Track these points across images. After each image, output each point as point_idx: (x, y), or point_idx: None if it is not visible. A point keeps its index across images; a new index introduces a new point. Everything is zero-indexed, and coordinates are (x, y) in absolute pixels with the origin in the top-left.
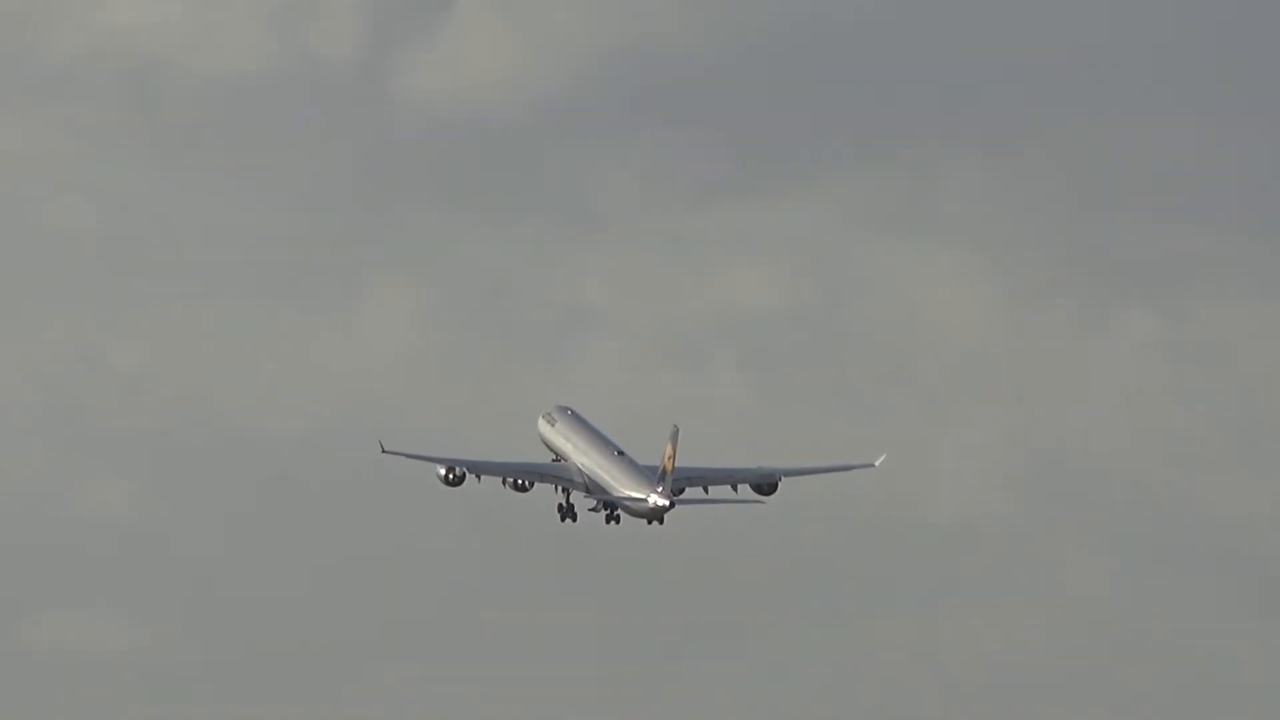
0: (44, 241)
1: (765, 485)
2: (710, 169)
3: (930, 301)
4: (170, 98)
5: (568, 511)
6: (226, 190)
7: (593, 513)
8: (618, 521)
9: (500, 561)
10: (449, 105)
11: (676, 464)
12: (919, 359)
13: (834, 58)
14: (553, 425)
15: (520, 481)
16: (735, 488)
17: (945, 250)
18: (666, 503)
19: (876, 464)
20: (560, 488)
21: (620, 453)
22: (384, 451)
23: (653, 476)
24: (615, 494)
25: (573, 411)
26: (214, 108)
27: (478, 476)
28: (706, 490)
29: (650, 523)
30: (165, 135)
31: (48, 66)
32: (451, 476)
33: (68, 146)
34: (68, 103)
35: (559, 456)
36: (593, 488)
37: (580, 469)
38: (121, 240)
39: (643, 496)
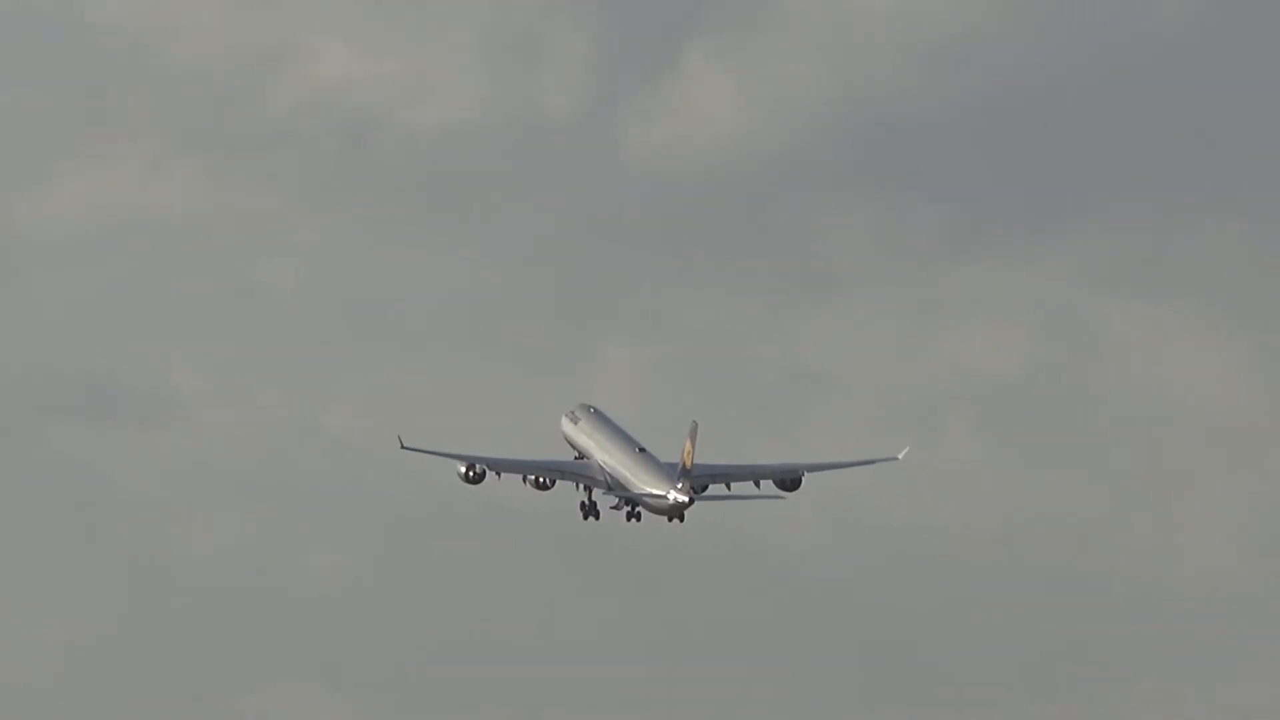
0: (257, 297)
1: (788, 481)
2: (942, 227)
3: (1171, 361)
4: (386, 151)
5: (590, 509)
6: (444, 245)
7: (614, 510)
8: (638, 519)
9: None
10: (674, 159)
11: (699, 461)
12: (1161, 420)
13: (1068, 112)
14: (576, 424)
15: (541, 479)
16: (758, 484)
17: (1186, 308)
18: (686, 498)
19: (900, 457)
20: (582, 485)
21: (642, 450)
22: (403, 448)
23: (673, 474)
24: (636, 491)
25: (596, 410)
26: (431, 161)
27: (499, 474)
28: (729, 486)
29: (671, 520)
30: (381, 189)
31: (263, 121)
32: (472, 474)
33: (282, 201)
34: (283, 157)
35: (582, 454)
36: (614, 485)
37: (602, 466)
38: (335, 296)
39: (662, 493)
